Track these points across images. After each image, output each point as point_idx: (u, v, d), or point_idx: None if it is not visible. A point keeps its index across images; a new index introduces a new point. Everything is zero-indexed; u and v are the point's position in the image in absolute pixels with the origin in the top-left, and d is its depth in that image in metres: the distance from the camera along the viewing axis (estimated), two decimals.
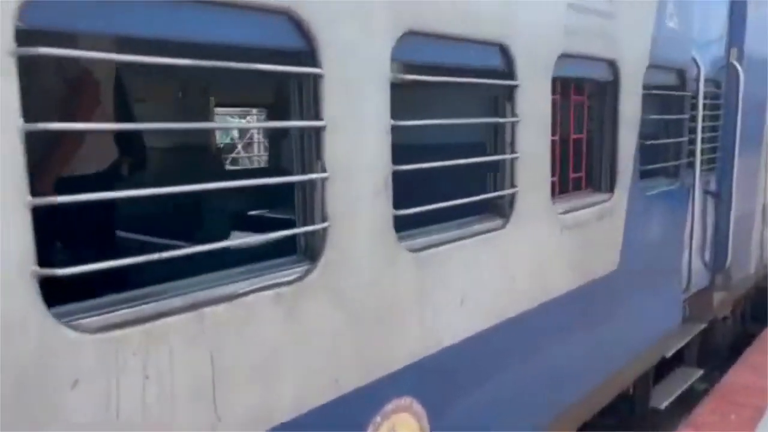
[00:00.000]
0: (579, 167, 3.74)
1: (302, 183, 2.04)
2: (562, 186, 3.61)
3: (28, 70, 1.41)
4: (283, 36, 1.92)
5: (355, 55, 2.08)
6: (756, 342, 6.56)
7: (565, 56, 3.14)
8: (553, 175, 3.46)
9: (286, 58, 1.98)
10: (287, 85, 2.05)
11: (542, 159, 3.09)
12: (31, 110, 1.35)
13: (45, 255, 1.41)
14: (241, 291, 1.81)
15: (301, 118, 2.02)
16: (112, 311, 1.55)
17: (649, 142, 4.16)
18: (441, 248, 2.54)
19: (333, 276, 2.07)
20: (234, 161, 12.80)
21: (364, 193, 2.16)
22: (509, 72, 2.82)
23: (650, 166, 4.26)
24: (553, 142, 3.40)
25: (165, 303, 1.64)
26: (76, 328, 1.45)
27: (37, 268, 1.37)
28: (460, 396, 2.69)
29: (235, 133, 13.59)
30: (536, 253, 3.11)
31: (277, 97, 5.20)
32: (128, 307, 1.58)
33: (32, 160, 1.38)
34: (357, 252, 2.15)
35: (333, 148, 2.02)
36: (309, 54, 1.96)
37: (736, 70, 5.58)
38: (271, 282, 1.90)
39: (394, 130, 2.27)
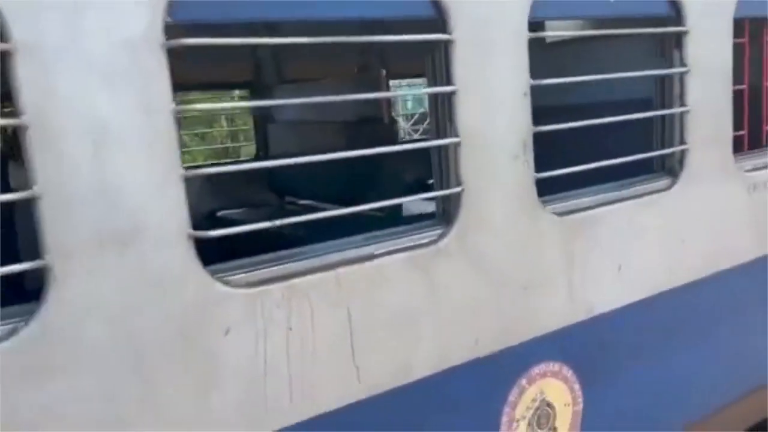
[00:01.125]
0: None
1: (437, 148, 2.09)
2: (754, 141, 3.21)
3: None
4: (415, 7, 1.98)
5: (486, 18, 2.06)
6: None
7: None
8: (740, 128, 3.10)
9: (422, 28, 2.03)
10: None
11: (720, 112, 2.78)
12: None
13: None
14: (376, 252, 1.93)
15: (435, 84, 2.06)
16: (258, 269, 1.75)
17: None
18: (594, 211, 2.43)
19: (469, 239, 2.10)
20: (425, 132, 13.10)
21: (501, 156, 2.14)
22: (677, 17, 2.57)
23: None
24: (738, 92, 3.04)
25: (305, 263, 1.81)
26: (227, 283, 1.68)
27: (192, 231, 1.61)
28: (617, 367, 2.57)
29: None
30: (714, 215, 2.82)
31: None
32: (272, 266, 1.77)
33: None
34: (495, 216, 2.15)
35: (465, 112, 2.04)
36: (440, 21, 1.99)
37: None
38: (405, 245, 1.99)
39: (538, 90, 2.22)
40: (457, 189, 2.06)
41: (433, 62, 2.05)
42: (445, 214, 2.11)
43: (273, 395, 1.75)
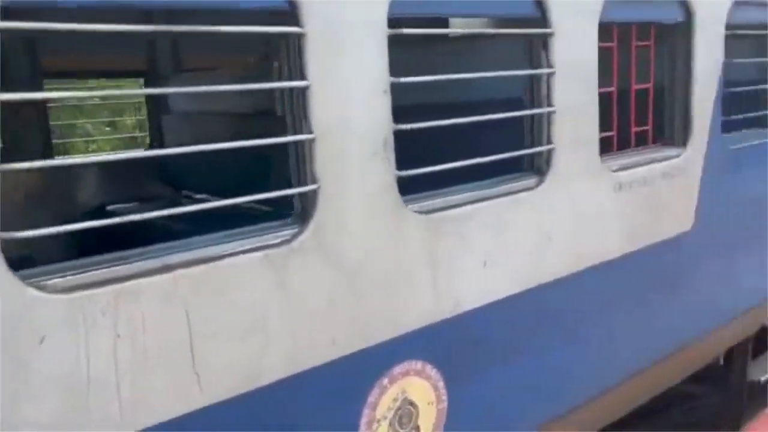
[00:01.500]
0: (645, 120, 3.42)
1: (292, 144, 2.03)
2: (623, 141, 3.33)
3: None
4: None
5: (341, 13, 2.01)
6: None
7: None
8: (609, 129, 3.20)
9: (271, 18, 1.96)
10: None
11: (586, 113, 2.86)
12: None
13: None
14: (222, 253, 1.85)
15: (288, 79, 1.99)
16: (82, 272, 1.63)
17: (737, 90, 3.72)
18: (460, 210, 2.44)
19: (326, 238, 2.06)
20: None
21: (360, 153, 2.11)
22: (543, 18, 2.62)
23: (739, 117, 3.82)
24: (608, 93, 3.14)
25: (138, 265, 1.71)
26: (41, 288, 1.55)
27: None
28: (482, 365, 2.60)
29: None
30: (581, 213, 2.90)
31: None
32: (98, 269, 1.66)
33: None
34: (353, 214, 2.11)
35: (319, 108, 1.99)
36: (292, 14, 1.92)
37: None
38: (257, 244, 1.92)
39: (403, 87, 2.19)
40: (313, 186, 2.01)
41: (287, 56, 1.99)
42: (302, 212, 2.05)
43: (98, 406, 1.64)
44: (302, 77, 1.96)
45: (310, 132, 1.98)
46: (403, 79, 2.18)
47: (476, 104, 2.68)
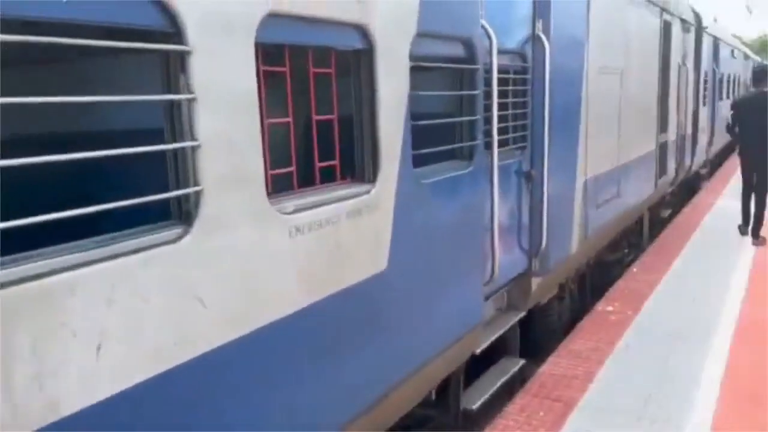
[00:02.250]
0: (332, 155, 3.13)
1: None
2: (307, 178, 3.00)
3: None
4: None
5: None
6: (577, 328, 6.40)
7: (274, 16, 2.49)
8: (287, 164, 2.83)
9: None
10: None
11: (246, 146, 2.43)
12: None
13: None
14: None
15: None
16: None
17: (426, 123, 3.63)
18: (57, 279, 1.81)
19: None
20: None
21: None
22: (177, 33, 2.13)
23: (431, 150, 3.75)
24: (284, 125, 2.77)
25: None
26: None
27: None
28: None
29: None
30: (245, 266, 2.45)
31: None
32: None
33: None
34: None
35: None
36: None
37: (542, 43, 5.24)
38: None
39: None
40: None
41: None
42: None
43: None
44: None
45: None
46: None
47: (108, 137, 2.10)
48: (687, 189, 14.69)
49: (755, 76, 9.73)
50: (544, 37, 5.24)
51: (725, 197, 13.10)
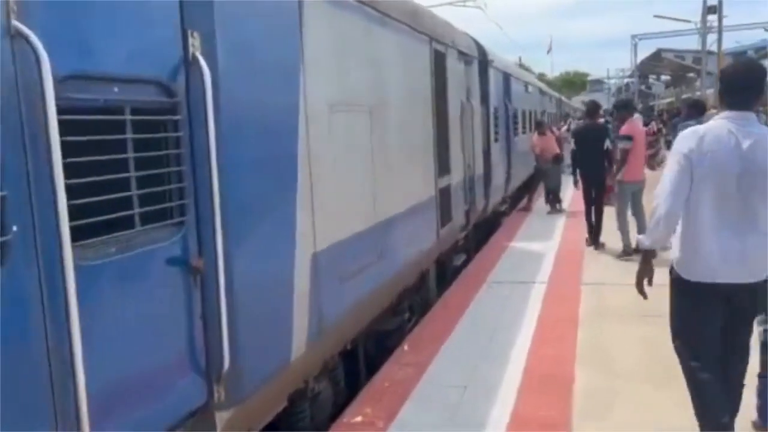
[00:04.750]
0: None
1: None
2: None
3: None
4: None
5: None
6: None
7: None
8: None
9: None
10: None
11: None
12: None
13: None
14: None
15: None
16: None
17: None
18: None
19: None
20: None
21: None
22: None
23: None
24: None
25: None
26: None
27: None
28: None
29: None
30: None
31: None
32: None
33: None
34: None
35: None
36: None
37: (200, 68, 3.48)
38: None
39: None
40: None
41: None
42: None
43: None
44: None
45: None
46: None
47: None
48: (487, 227, 14.01)
49: (588, 110, 12.21)
50: (202, 60, 3.49)
51: (519, 239, 12.45)
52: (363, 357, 6.80)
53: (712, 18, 27.14)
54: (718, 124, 3.88)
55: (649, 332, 6.38)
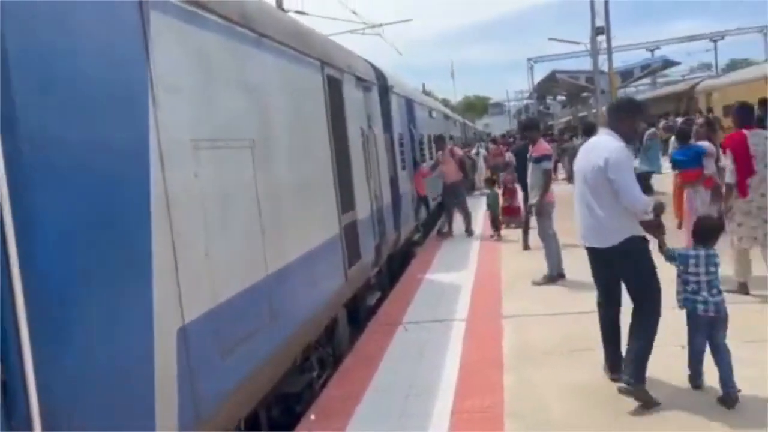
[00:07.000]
0: None
1: None
2: None
3: None
4: None
5: None
6: None
7: None
8: None
9: None
10: None
11: None
12: None
13: None
14: None
15: None
16: None
17: None
18: None
19: None
20: None
21: None
22: None
23: None
24: None
25: None
26: None
27: None
28: None
29: None
30: None
31: None
32: None
33: None
34: None
35: None
36: None
37: None
38: None
39: None
40: None
41: None
42: None
43: None
44: None
45: None
46: None
47: None
48: (401, 259, 13.31)
49: (524, 129, 12.39)
50: None
51: (434, 270, 11.81)
52: (267, 426, 5.84)
53: (602, 39, 28.15)
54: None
55: (578, 375, 5.76)
